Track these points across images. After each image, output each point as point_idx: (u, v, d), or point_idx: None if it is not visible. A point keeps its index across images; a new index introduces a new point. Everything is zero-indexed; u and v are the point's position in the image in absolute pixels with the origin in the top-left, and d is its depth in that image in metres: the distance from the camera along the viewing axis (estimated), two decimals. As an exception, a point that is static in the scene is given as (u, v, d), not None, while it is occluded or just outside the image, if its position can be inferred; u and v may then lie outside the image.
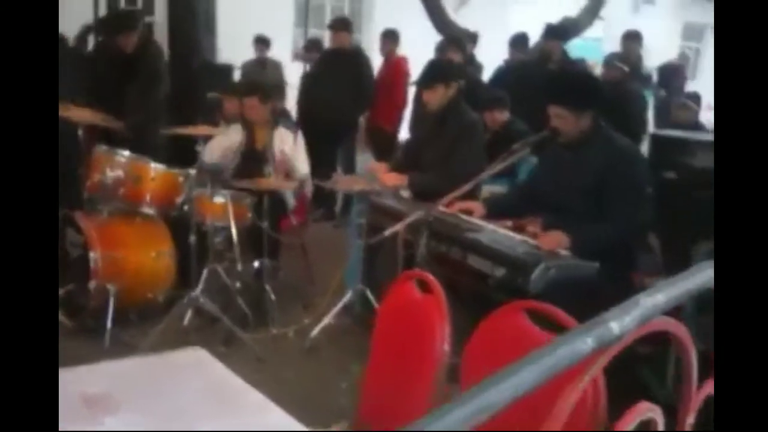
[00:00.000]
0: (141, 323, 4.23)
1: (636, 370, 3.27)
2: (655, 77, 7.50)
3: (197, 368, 2.16)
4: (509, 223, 3.71)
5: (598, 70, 7.17)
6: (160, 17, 7.43)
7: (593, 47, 13.42)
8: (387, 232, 3.12)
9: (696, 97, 6.69)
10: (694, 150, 4.06)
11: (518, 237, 3.33)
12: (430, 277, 2.21)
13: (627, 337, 0.97)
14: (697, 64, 18.20)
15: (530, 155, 3.77)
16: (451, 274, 3.30)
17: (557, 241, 3.21)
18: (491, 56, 8.51)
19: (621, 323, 0.96)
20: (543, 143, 3.53)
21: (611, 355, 0.99)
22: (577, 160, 3.42)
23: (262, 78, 8.77)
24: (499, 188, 4.99)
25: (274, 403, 2.05)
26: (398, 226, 3.13)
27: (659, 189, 3.92)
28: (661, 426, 1.15)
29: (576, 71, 5.40)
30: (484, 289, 3.12)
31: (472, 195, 3.84)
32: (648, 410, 1.14)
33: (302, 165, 4.98)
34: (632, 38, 7.16)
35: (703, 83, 15.26)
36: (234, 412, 1.95)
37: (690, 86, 11.06)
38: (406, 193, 4.14)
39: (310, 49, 8.00)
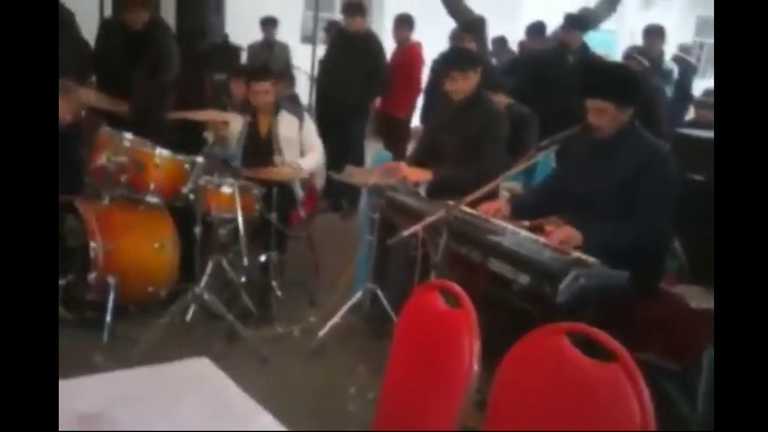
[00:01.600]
0: (141, 317, 4.06)
1: (662, 386, 3.10)
2: (676, 73, 7.28)
3: (199, 382, 1.97)
4: (526, 222, 3.53)
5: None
6: (166, -4, 7.21)
7: (607, 39, 13.21)
8: (406, 232, 2.94)
9: (716, 95, 6.47)
10: (724, 151, 3.85)
11: (542, 240, 3.14)
12: (458, 289, 2.03)
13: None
14: (710, 59, 17.97)
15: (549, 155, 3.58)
16: (469, 277, 3.12)
17: (568, 236, 3.03)
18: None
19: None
20: (570, 140, 3.33)
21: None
22: (609, 158, 3.23)
23: (270, 60, 8.59)
24: (515, 185, 4.80)
25: (278, 408, 1.88)
26: (418, 226, 2.95)
27: (685, 191, 3.73)
28: None
29: (617, 64, 5.16)
30: (506, 295, 2.94)
31: (491, 193, 3.66)
32: None
33: (315, 151, 4.73)
34: (654, 33, 6.95)
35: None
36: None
37: (704, 82, 10.83)
38: (422, 190, 3.94)
39: (330, 30, 7.81)
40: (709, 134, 4.49)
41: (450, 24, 7.97)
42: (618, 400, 1.61)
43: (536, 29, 7.16)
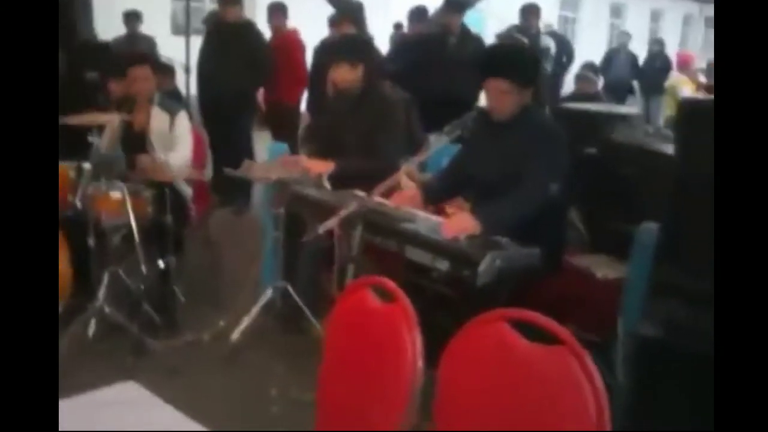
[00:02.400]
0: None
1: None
2: (553, 49, 7.49)
3: (131, 409, 1.85)
4: (431, 206, 3.54)
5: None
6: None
7: (477, 18, 13.44)
8: (322, 228, 2.86)
9: (593, 68, 6.71)
10: (614, 124, 3.99)
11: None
12: (391, 284, 1.99)
13: None
14: (575, 33, 18.68)
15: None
16: (386, 267, 3.10)
17: (461, 225, 3.01)
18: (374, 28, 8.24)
19: None
20: (470, 123, 3.35)
21: None
22: (505, 140, 3.26)
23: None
24: (409, 167, 4.79)
25: (199, 419, 1.80)
26: (335, 220, 2.88)
27: (580, 165, 3.83)
28: None
29: (516, 44, 5.17)
30: (425, 282, 2.94)
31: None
32: None
33: (179, 149, 4.36)
34: (530, 11, 7.12)
35: (579, 52, 15.66)
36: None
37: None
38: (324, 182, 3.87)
39: (208, 22, 7.57)
40: (596, 107, 4.65)
41: (326, 10, 7.87)
42: (569, 383, 1.61)
43: (418, 13, 7.19)
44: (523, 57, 3.33)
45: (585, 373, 1.61)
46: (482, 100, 5.79)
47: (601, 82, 10.52)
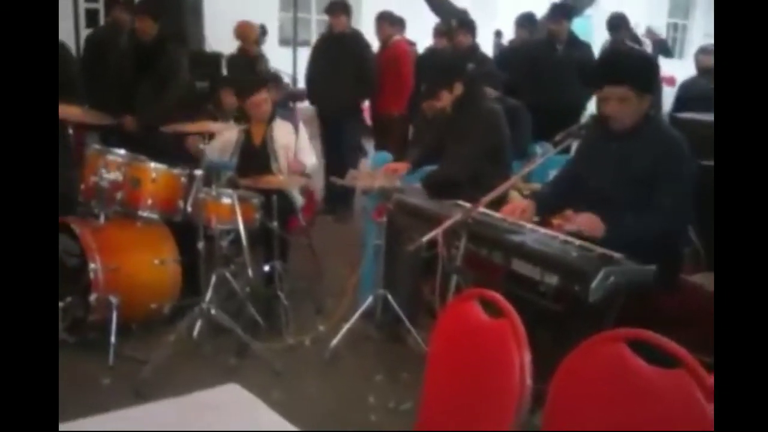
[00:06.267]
0: (145, 335, 3.95)
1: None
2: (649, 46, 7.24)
3: (234, 411, 1.85)
4: (536, 218, 3.44)
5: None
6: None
7: (585, 25, 13.18)
8: (426, 238, 2.83)
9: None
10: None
11: (561, 237, 3.05)
12: (500, 298, 1.93)
13: None
14: (685, 41, 18.01)
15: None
16: (488, 279, 3.04)
17: (590, 223, 2.93)
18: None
19: None
20: (584, 131, 3.24)
21: None
22: (627, 151, 3.12)
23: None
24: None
25: (298, 422, 1.80)
26: (439, 230, 2.84)
27: (698, 178, 3.66)
28: None
29: (635, 50, 4.99)
30: (532, 296, 2.85)
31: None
32: None
33: (308, 157, 4.64)
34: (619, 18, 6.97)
35: (690, 60, 15.08)
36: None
37: (678, 64, 10.77)
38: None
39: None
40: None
41: (431, 18, 7.89)
42: (691, 409, 1.52)
43: (527, 20, 7.08)
44: (641, 62, 3.19)
45: (707, 399, 1.51)
46: (590, 109, 5.66)
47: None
